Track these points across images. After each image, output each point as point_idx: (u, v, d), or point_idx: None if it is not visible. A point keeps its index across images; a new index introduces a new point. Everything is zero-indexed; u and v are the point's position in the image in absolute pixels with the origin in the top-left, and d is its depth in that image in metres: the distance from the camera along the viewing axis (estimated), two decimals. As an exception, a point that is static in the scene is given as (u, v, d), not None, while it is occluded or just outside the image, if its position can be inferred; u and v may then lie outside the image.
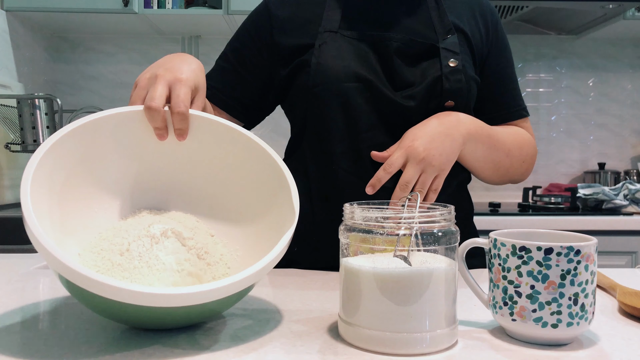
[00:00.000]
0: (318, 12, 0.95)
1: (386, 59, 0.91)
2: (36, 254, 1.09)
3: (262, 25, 0.97)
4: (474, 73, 0.94)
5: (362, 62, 0.90)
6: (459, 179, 0.95)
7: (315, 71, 0.90)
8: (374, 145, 0.89)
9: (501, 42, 1.01)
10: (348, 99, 0.89)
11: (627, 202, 2.00)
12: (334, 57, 0.90)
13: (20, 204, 0.51)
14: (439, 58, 0.90)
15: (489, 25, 0.99)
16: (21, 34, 2.20)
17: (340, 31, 0.92)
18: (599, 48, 2.52)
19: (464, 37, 0.95)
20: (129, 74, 2.48)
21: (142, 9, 2.10)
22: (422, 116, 0.89)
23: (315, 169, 0.93)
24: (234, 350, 0.53)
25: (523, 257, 0.54)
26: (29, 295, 0.72)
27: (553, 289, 0.53)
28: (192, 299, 0.49)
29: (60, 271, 0.48)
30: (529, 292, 0.54)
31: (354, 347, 0.53)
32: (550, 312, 0.53)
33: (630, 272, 0.89)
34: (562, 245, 0.52)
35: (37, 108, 1.92)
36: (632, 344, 0.55)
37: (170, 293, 0.48)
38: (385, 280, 0.51)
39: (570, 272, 0.53)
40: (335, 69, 0.89)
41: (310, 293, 0.74)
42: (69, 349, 0.52)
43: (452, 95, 0.89)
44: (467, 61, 0.93)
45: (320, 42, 0.91)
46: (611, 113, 2.54)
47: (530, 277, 0.53)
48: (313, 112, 0.92)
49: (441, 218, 0.53)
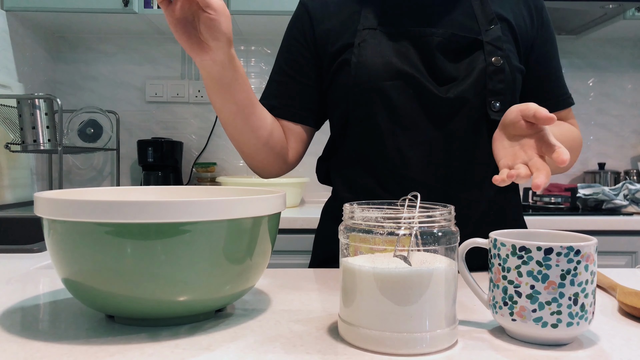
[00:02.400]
0: (356, 9, 0.94)
1: (428, 55, 0.89)
2: (36, 253, 1.09)
3: (304, 28, 0.97)
4: (518, 62, 0.93)
5: (402, 58, 0.88)
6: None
7: (355, 70, 0.89)
8: (418, 143, 0.88)
9: (546, 29, 0.98)
10: (390, 96, 0.88)
11: (627, 202, 2.00)
12: (374, 54, 0.88)
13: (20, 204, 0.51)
14: (483, 52, 0.89)
15: (534, 12, 0.98)
16: (21, 34, 2.20)
17: (380, 28, 0.91)
18: (599, 48, 2.52)
19: (508, 27, 0.93)
20: (129, 74, 2.48)
21: (142, 9, 2.10)
22: (468, 111, 0.88)
23: (360, 168, 0.92)
24: (234, 350, 0.53)
25: (523, 257, 0.54)
26: (29, 295, 0.72)
27: (553, 289, 0.53)
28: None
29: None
30: (529, 292, 0.53)
31: (354, 347, 0.53)
32: (550, 312, 0.53)
33: (630, 272, 0.89)
34: (562, 245, 0.52)
35: (37, 108, 1.92)
36: (632, 344, 0.55)
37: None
38: (385, 280, 0.51)
39: (570, 272, 0.53)
40: (375, 66, 0.88)
41: (310, 293, 0.74)
42: (69, 349, 0.52)
43: (495, 94, 0.88)
44: (511, 51, 0.91)
45: (360, 40, 0.90)
46: (611, 113, 2.53)
47: (530, 277, 0.53)
48: (355, 111, 0.91)
49: (441, 218, 0.53)
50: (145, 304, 0.56)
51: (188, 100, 2.48)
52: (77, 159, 2.49)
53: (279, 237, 1.69)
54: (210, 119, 2.49)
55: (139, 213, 0.52)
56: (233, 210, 0.56)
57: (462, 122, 0.88)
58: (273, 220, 0.64)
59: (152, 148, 2.28)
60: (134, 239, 0.53)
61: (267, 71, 2.49)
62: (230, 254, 0.58)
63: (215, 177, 2.36)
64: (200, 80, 2.48)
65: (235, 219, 0.57)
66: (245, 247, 0.59)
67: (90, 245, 0.54)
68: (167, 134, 2.48)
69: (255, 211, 0.59)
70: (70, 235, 0.55)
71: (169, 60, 2.48)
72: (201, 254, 0.55)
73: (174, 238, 0.54)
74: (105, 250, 0.54)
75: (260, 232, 0.61)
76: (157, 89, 2.47)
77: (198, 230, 0.55)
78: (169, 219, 0.53)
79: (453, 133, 0.89)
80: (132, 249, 0.53)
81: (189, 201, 0.53)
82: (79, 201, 0.53)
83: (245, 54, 2.49)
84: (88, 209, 0.52)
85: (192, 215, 0.53)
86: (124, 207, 0.52)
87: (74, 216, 0.53)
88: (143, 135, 2.46)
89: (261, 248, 0.62)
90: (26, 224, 1.68)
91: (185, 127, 2.49)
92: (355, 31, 0.91)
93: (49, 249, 0.59)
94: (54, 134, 1.97)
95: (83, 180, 2.49)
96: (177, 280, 0.55)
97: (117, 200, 0.52)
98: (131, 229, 0.53)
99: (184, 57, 2.48)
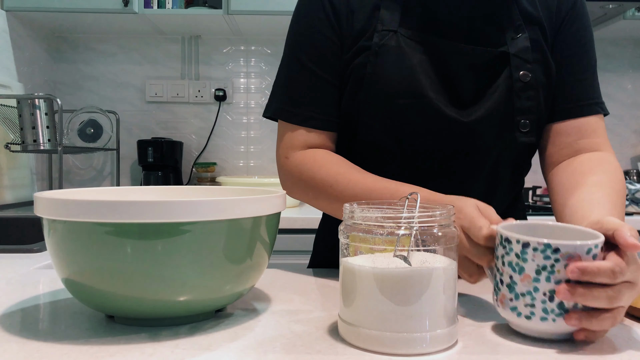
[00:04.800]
0: (377, 3, 0.83)
1: (449, 71, 0.80)
2: (36, 253, 1.09)
3: (326, 13, 0.83)
4: (549, 69, 0.82)
5: (422, 73, 0.79)
6: (517, 189, 0.90)
7: (369, 83, 0.80)
8: (432, 169, 0.81)
9: (578, 20, 0.85)
10: (405, 117, 0.80)
11: (627, 202, 2.00)
12: (391, 66, 0.79)
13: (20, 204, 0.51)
14: (509, 68, 0.80)
15: (563, 3, 0.86)
16: (21, 34, 2.20)
17: (400, 30, 0.81)
18: (599, 48, 2.51)
19: (539, 28, 0.82)
20: (129, 74, 2.48)
21: (142, 9, 2.10)
22: (491, 135, 0.80)
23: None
24: (234, 350, 0.53)
25: (506, 248, 0.56)
26: (29, 295, 0.72)
27: (528, 282, 0.54)
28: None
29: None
30: (508, 282, 0.56)
31: (354, 347, 0.53)
32: (524, 304, 0.55)
33: (630, 272, 0.88)
34: (539, 241, 0.53)
35: (37, 108, 1.92)
36: (632, 344, 0.55)
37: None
38: (385, 280, 0.51)
39: (546, 269, 0.53)
40: (392, 83, 0.79)
41: (310, 293, 0.74)
42: (69, 349, 0.52)
43: (524, 113, 0.80)
44: (540, 62, 0.81)
45: (378, 45, 0.80)
46: (611, 113, 2.53)
47: (509, 268, 0.56)
48: (364, 127, 0.83)
49: (441, 218, 0.53)
50: (145, 304, 0.56)
51: (188, 100, 2.48)
52: (77, 159, 2.49)
53: (279, 237, 1.69)
54: (210, 119, 2.49)
55: (139, 213, 0.52)
56: (233, 210, 0.56)
57: (483, 148, 0.81)
58: (273, 220, 0.64)
59: (152, 148, 2.28)
60: (134, 239, 0.53)
61: (267, 71, 2.49)
62: (230, 254, 0.58)
63: (215, 177, 2.36)
64: (200, 80, 2.48)
65: (235, 219, 0.57)
66: (245, 247, 0.59)
67: (90, 245, 0.54)
68: (167, 134, 2.48)
69: (255, 211, 0.59)
70: (70, 235, 0.55)
71: (169, 60, 2.48)
72: (201, 254, 0.55)
73: (174, 238, 0.54)
74: (105, 250, 0.54)
75: (260, 232, 0.61)
76: (157, 89, 2.47)
77: (198, 230, 0.55)
78: (169, 219, 0.53)
79: (471, 162, 0.82)
80: (132, 249, 0.53)
81: (189, 201, 0.53)
82: (79, 201, 0.53)
83: (245, 54, 2.49)
84: (88, 209, 0.52)
85: (192, 215, 0.53)
86: (124, 207, 0.52)
87: (74, 216, 0.53)
88: (143, 135, 2.46)
89: (261, 248, 0.62)
90: (26, 224, 1.68)
91: (185, 127, 2.49)
92: (374, 31, 0.81)
93: (49, 249, 0.59)
94: (54, 134, 1.97)
95: (83, 180, 2.49)
96: (177, 280, 0.55)
97: (117, 200, 0.52)
98: (131, 229, 0.53)
99: (184, 57, 2.48)
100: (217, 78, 2.49)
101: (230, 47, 2.49)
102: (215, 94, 2.46)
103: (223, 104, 2.49)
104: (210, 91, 2.47)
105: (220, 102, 2.48)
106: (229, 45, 2.49)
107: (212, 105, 2.49)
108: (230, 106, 2.50)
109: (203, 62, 2.49)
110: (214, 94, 2.46)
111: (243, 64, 2.50)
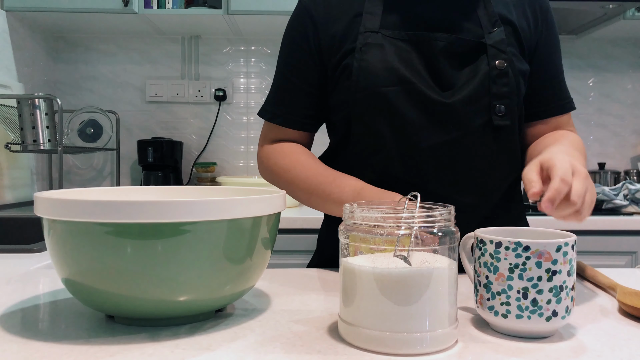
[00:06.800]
0: (358, 11, 0.92)
1: (430, 60, 0.88)
2: (36, 253, 1.09)
3: (308, 33, 0.94)
4: (522, 65, 0.92)
5: (405, 63, 0.87)
6: (513, 177, 0.94)
7: (357, 75, 0.88)
8: (421, 150, 0.87)
9: (551, 31, 0.98)
10: (392, 102, 0.86)
11: (627, 202, 2.00)
12: (376, 59, 0.87)
13: (20, 204, 0.51)
14: (486, 55, 0.88)
15: (539, 13, 0.97)
16: (21, 34, 2.20)
17: (382, 31, 0.89)
18: (599, 48, 2.52)
19: (512, 29, 0.92)
20: (129, 74, 2.48)
21: (142, 9, 2.10)
22: (471, 116, 0.87)
23: (361, 174, 0.90)
24: (234, 350, 0.53)
25: (481, 249, 0.58)
26: (29, 295, 0.72)
27: (502, 281, 0.56)
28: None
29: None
30: (485, 282, 0.58)
31: (354, 347, 0.53)
32: (500, 302, 0.56)
33: (630, 272, 0.89)
34: (510, 240, 0.55)
35: (37, 108, 1.92)
36: (632, 344, 0.55)
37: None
38: (385, 280, 0.51)
39: (518, 267, 0.55)
40: (377, 72, 0.87)
41: (310, 293, 0.74)
42: (69, 349, 0.52)
43: (500, 98, 0.88)
44: (514, 54, 0.90)
45: (362, 44, 0.88)
46: (611, 113, 2.53)
47: (485, 268, 0.58)
48: (357, 117, 0.89)
49: (441, 218, 0.53)
50: (145, 304, 0.56)
51: (188, 100, 2.48)
52: (77, 159, 2.49)
53: (279, 237, 1.69)
54: (210, 119, 2.49)
55: (139, 213, 0.52)
56: (233, 210, 0.56)
57: (466, 127, 0.87)
58: (273, 220, 0.64)
59: (152, 148, 2.28)
60: (134, 239, 0.53)
61: (267, 71, 2.49)
62: (230, 254, 0.58)
63: (215, 177, 2.36)
64: (200, 80, 2.48)
65: (235, 219, 0.57)
66: (245, 247, 0.59)
67: (90, 245, 0.54)
68: (167, 134, 2.48)
69: (255, 211, 0.59)
70: (70, 235, 0.55)
71: (169, 60, 2.48)
72: (201, 254, 0.56)
73: (174, 238, 0.54)
74: (105, 250, 0.54)
75: (260, 232, 0.61)
76: (157, 89, 2.47)
77: (198, 230, 0.55)
78: (169, 219, 0.53)
79: (457, 139, 0.88)
80: (132, 249, 0.53)
81: (189, 201, 0.53)
82: (79, 201, 0.53)
83: (245, 54, 2.49)
84: (88, 209, 0.52)
85: (192, 215, 0.53)
86: (124, 207, 0.52)
87: (74, 216, 0.53)
88: (143, 135, 2.46)
89: (261, 248, 0.62)
90: (26, 224, 1.68)
91: (185, 127, 2.49)
92: (357, 34, 0.89)
93: (49, 249, 0.59)
94: (54, 134, 1.97)
95: (83, 180, 2.49)
96: (177, 280, 0.55)
97: (117, 200, 0.52)
98: (131, 229, 0.53)
99: (184, 57, 2.48)
100: (217, 78, 2.49)
101: (230, 47, 2.49)
102: (215, 94, 2.46)
103: (223, 104, 2.49)
104: (210, 91, 2.47)
105: (220, 102, 2.48)
106: (229, 45, 2.49)
107: (212, 105, 2.49)
108: (230, 106, 2.50)
109: (203, 62, 2.49)
110: (214, 94, 2.46)
111: (243, 64, 2.50)
